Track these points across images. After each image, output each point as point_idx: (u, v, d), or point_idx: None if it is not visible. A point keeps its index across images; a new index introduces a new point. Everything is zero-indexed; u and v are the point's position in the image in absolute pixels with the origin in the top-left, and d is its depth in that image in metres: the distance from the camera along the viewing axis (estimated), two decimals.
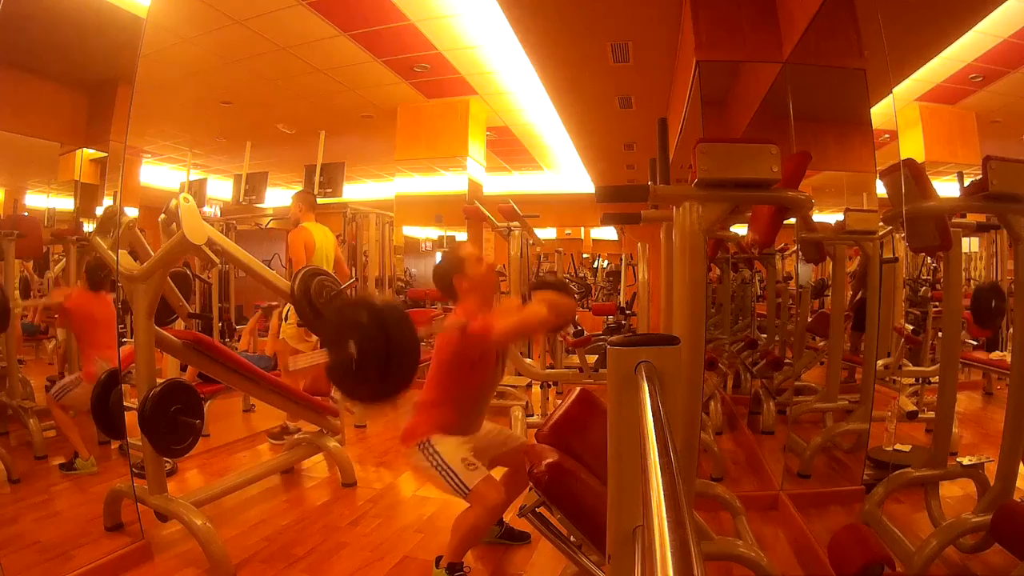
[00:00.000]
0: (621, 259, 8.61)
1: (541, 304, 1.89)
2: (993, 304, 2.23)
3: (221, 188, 7.27)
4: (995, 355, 2.64)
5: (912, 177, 1.75)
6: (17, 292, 2.98)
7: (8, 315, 2.65)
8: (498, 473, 2.10)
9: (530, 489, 1.44)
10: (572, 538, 1.46)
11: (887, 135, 2.13)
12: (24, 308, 2.95)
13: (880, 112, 2.15)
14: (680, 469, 0.56)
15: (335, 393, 3.45)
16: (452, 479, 1.87)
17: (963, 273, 2.38)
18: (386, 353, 1.56)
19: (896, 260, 2.77)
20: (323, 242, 3.60)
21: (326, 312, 1.68)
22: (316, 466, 3.24)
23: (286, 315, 3.63)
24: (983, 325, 2.33)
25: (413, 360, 1.61)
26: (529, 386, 3.77)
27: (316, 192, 4.70)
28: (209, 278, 4.67)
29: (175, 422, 2.14)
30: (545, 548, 2.21)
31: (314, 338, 3.49)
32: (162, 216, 2.26)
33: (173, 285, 2.81)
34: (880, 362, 2.77)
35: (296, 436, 3.07)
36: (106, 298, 2.80)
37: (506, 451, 2.12)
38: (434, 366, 2.04)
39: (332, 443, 3.00)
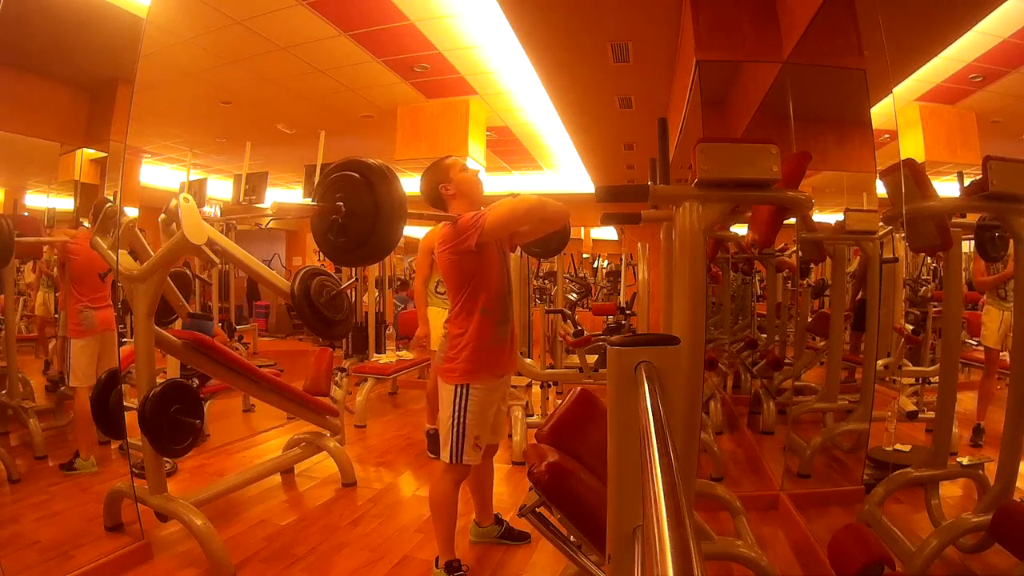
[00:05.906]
0: (621, 259, 8.61)
1: (530, 195, 1.91)
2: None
3: (221, 188, 7.26)
4: None
5: (912, 177, 1.75)
6: (21, 301, 2.98)
7: (11, 248, 2.62)
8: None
9: (530, 489, 1.44)
10: (572, 538, 1.46)
11: (887, 135, 2.13)
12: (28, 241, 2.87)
13: (880, 112, 2.15)
14: (680, 469, 0.56)
15: (334, 393, 3.46)
16: (456, 438, 1.93)
17: (963, 273, 2.37)
18: (374, 211, 1.53)
19: (896, 260, 2.76)
20: None
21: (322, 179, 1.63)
22: (316, 466, 3.24)
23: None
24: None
25: (399, 220, 1.57)
26: (529, 386, 3.76)
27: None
28: (209, 278, 4.66)
29: (175, 422, 2.14)
30: (545, 548, 2.21)
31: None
32: (162, 216, 2.26)
33: (173, 285, 2.81)
34: (880, 362, 2.77)
35: (296, 436, 3.07)
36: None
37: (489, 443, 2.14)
38: (449, 291, 2.02)
39: (332, 443, 3.00)
